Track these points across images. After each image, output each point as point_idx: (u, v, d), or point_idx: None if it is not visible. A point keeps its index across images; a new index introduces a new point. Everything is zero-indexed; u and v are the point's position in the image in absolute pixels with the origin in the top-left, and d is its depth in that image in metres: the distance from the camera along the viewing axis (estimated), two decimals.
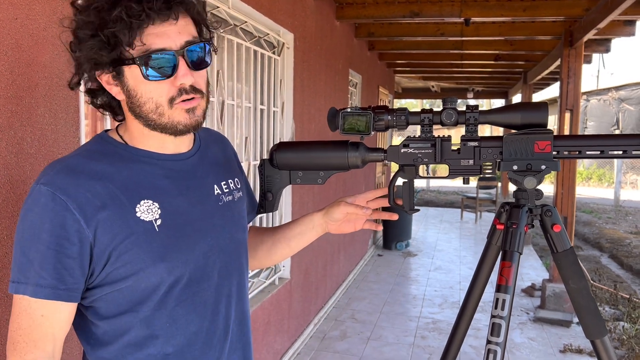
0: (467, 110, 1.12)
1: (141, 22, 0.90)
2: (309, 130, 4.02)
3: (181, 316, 1.02)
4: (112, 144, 1.02)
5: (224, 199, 1.12)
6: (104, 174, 0.96)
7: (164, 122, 0.97)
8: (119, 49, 0.92)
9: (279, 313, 3.48)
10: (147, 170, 1.01)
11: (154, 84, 0.94)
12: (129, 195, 0.96)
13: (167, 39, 0.92)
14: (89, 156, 0.99)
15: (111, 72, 0.96)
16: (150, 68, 0.92)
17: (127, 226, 0.94)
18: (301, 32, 3.71)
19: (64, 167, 0.95)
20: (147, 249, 0.96)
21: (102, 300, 0.97)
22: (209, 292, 1.06)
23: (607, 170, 17.09)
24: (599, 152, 1.10)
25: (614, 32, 4.80)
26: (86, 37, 0.92)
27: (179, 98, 0.96)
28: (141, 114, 0.97)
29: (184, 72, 0.94)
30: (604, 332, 1.16)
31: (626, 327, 4.43)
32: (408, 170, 1.18)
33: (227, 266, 1.10)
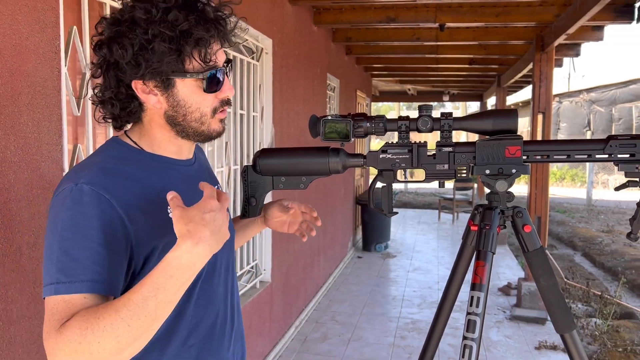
0: (442, 118, 1.18)
1: (213, 42, 1.01)
2: (289, 135, 4.06)
3: (202, 308, 1.09)
4: (130, 150, 1.06)
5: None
6: (137, 177, 1.01)
7: (203, 129, 1.06)
8: (184, 62, 0.99)
9: (260, 316, 3.51)
10: (169, 175, 1.08)
11: (205, 96, 1.03)
12: (160, 197, 1.01)
13: (220, 56, 1.04)
14: (117, 159, 1.02)
15: (158, 82, 1.00)
16: (208, 83, 1.02)
17: (164, 226, 0.99)
18: (280, 37, 3.75)
19: (100, 168, 0.98)
20: None
21: None
22: (219, 285, 1.14)
23: (579, 170, 17.49)
24: (565, 156, 1.17)
25: (583, 37, 4.96)
26: (164, 51, 0.96)
27: (220, 108, 1.06)
28: (183, 122, 1.04)
29: (228, 87, 1.06)
30: (573, 327, 1.23)
31: (598, 324, 4.56)
32: (387, 174, 1.23)
33: (228, 262, 1.19)
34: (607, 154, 1.15)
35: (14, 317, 1.42)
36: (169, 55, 0.96)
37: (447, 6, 4.39)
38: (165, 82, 1.00)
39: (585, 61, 70.11)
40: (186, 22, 0.96)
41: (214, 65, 1.01)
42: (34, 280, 1.49)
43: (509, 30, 5.14)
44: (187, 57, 0.98)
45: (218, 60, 1.03)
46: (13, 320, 1.42)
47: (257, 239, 3.61)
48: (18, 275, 1.43)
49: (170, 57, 0.96)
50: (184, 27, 0.95)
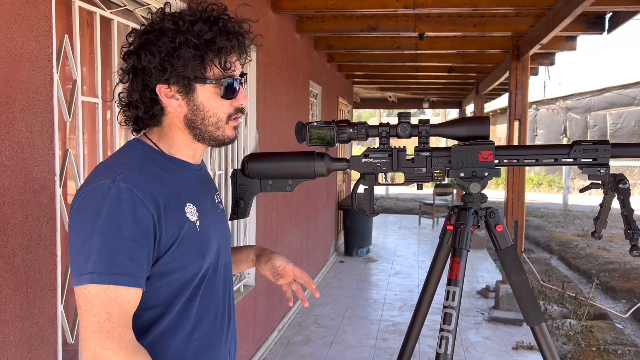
0: (420, 124, 1.26)
1: (233, 52, 1.10)
2: (272, 140, 4.12)
3: (205, 306, 1.16)
4: (152, 151, 1.13)
5: (219, 207, 1.29)
6: (161, 177, 1.09)
7: (218, 134, 1.14)
8: (206, 69, 1.08)
9: (244, 320, 3.55)
10: (185, 177, 1.16)
11: (222, 102, 1.11)
12: (179, 198, 1.10)
13: (236, 67, 1.13)
14: (144, 159, 1.10)
15: (180, 87, 1.08)
16: (226, 89, 1.10)
17: (182, 224, 1.08)
18: (263, 45, 3.82)
19: (132, 167, 1.06)
20: (194, 246, 1.10)
21: (149, 292, 1.07)
22: (220, 284, 1.22)
23: (556, 176, 17.83)
24: (534, 160, 1.26)
25: (557, 46, 5.13)
26: (188, 57, 1.05)
27: (234, 115, 1.15)
28: (201, 126, 1.12)
29: (243, 95, 1.15)
30: (541, 319, 1.32)
31: (573, 324, 4.70)
32: (368, 178, 1.31)
33: (227, 264, 1.27)
34: (572, 158, 1.24)
35: (7, 317, 1.46)
36: (192, 61, 1.05)
37: (426, 16, 4.51)
38: (187, 87, 1.09)
39: (561, 70, 71.57)
40: (210, 32, 1.06)
41: (232, 74, 1.10)
42: (27, 281, 1.53)
43: (486, 39, 5.29)
44: (209, 64, 1.08)
45: (236, 70, 1.12)
46: (6, 320, 1.46)
47: (240, 243, 3.66)
48: (12, 277, 1.47)
49: (193, 63, 1.05)
50: (208, 36, 1.06)
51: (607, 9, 3.87)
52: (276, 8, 3.99)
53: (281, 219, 4.45)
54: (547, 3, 3.73)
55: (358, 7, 3.89)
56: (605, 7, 3.62)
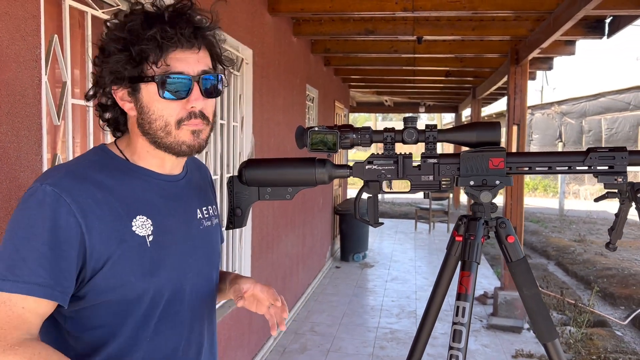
0: (427, 129, 1.20)
1: (170, 45, 0.98)
2: (269, 145, 4.05)
3: (161, 332, 1.04)
4: (112, 158, 1.05)
5: (204, 223, 1.17)
6: (106, 185, 0.99)
7: (170, 141, 1.02)
8: (142, 66, 0.98)
9: (239, 328, 3.47)
10: (145, 187, 1.05)
11: (167, 103, 1.00)
12: (126, 209, 1.00)
13: (187, 64, 1.00)
14: (92, 166, 1.02)
15: (128, 88, 1.01)
16: (167, 88, 0.99)
17: (122, 238, 0.97)
18: (260, 48, 3.76)
19: (69, 172, 0.97)
20: (138, 263, 0.99)
21: (87, 310, 0.98)
22: (186, 311, 1.09)
23: (551, 181, 17.85)
24: (547, 168, 1.20)
25: (556, 51, 5.09)
26: (115, 51, 0.97)
27: (187, 121, 1.02)
28: (150, 130, 1.02)
29: (196, 97, 1.01)
30: (555, 335, 1.25)
31: (572, 332, 4.64)
32: (372, 185, 1.24)
33: (202, 288, 1.14)
34: (586, 166, 1.18)
35: None
36: (117, 56, 0.97)
37: (424, 19, 4.46)
38: (132, 88, 1.00)
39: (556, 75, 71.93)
40: (138, 24, 0.97)
41: (170, 70, 0.98)
42: None
43: (485, 43, 5.25)
44: (145, 61, 0.98)
45: (180, 66, 0.99)
46: None
47: (236, 250, 3.58)
48: None
49: (118, 58, 0.97)
50: (132, 26, 0.97)
51: (608, 12, 3.83)
52: (273, 10, 3.93)
53: (277, 224, 4.37)
54: (548, 7, 3.68)
55: (356, 10, 3.83)
56: (606, 10, 3.57)
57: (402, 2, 3.73)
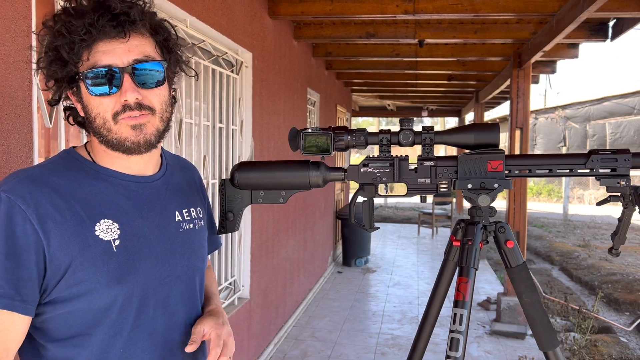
0: (423, 131, 1.16)
1: (83, 38, 0.92)
2: (268, 148, 4.02)
3: (135, 343, 1.00)
4: (78, 160, 1.02)
5: (185, 226, 1.12)
6: (67, 189, 0.95)
7: (112, 137, 0.98)
8: (69, 65, 0.94)
9: (238, 334, 3.43)
10: (110, 190, 1.00)
11: (100, 99, 0.96)
12: (89, 213, 0.95)
13: (114, 56, 0.95)
14: (53, 169, 0.98)
15: (73, 88, 0.97)
16: (94, 84, 0.94)
17: (85, 244, 0.93)
18: (260, 51, 3.73)
19: (26, 177, 0.93)
20: (103, 269, 0.94)
21: (54, 320, 0.94)
22: (164, 318, 1.04)
23: (555, 185, 17.76)
24: (547, 171, 1.16)
25: (559, 54, 5.05)
26: (42, 53, 0.95)
27: (123, 114, 0.96)
28: (94, 129, 0.98)
29: (126, 88, 0.95)
30: (556, 344, 1.21)
31: (577, 338, 4.58)
32: (368, 189, 1.20)
33: (182, 294, 1.09)
34: (588, 169, 1.14)
35: None
36: (46, 56, 0.95)
37: (426, 22, 4.43)
38: (76, 88, 0.98)
39: (560, 78, 71.78)
40: (61, 21, 0.93)
41: (96, 64, 0.93)
42: None
43: (487, 46, 5.21)
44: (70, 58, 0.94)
45: (107, 58, 0.94)
46: None
47: (235, 255, 3.55)
48: None
49: (47, 58, 0.95)
50: (53, 28, 0.94)
51: (611, 15, 3.79)
52: (273, 13, 3.90)
53: (278, 229, 4.34)
54: (550, 9, 3.64)
55: (357, 13, 3.81)
56: (610, 13, 3.53)
57: (403, 5, 3.71)
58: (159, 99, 1.00)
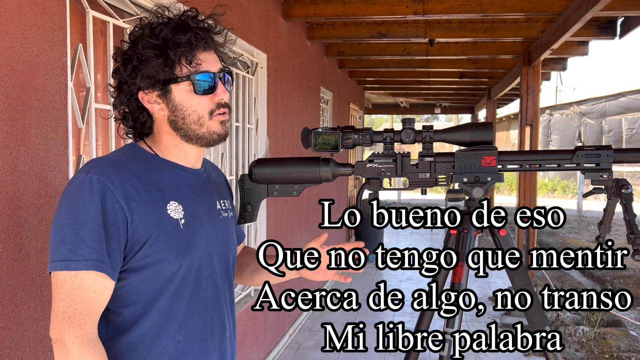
0: (423, 130, 1.28)
1: (199, 47, 1.13)
2: (283, 146, 4.16)
3: (193, 309, 1.16)
4: (143, 152, 1.18)
5: (222, 214, 1.30)
6: (142, 174, 1.12)
7: (203, 131, 1.16)
8: (175, 69, 1.11)
9: (254, 324, 3.58)
10: (174, 177, 1.18)
11: (199, 98, 1.14)
12: (161, 195, 1.13)
13: (210, 64, 1.16)
14: (128, 158, 1.15)
15: (158, 91, 1.13)
16: (199, 85, 1.13)
17: (159, 220, 1.10)
18: (274, 52, 3.86)
19: (110, 163, 1.10)
20: (173, 242, 1.11)
21: (126, 288, 1.10)
22: (213, 289, 1.22)
23: (570, 182, 17.67)
24: (537, 166, 1.28)
25: (569, 51, 5.11)
26: (151, 57, 1.10)
27: (217, 111, 1.16)
28: (184, 125, 1.15)
29: (222, 90, 1.17)
30: (545, 323, 1.33)
31: (586, 331, 4.65)
32: (373, 183, 1.33)
33: (223, 270, 1.27)
34: (574, 164, 1.25)
35: (22, 318, 1.50)
36: (155, 62, 1.10)
37: (436, 22, 4.53)
38: (163, 90, 1.13)
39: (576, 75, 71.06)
40: (169, 32, 1.10)
41: (201, 70, 1.12)
42: (41, 283, 1.57)
43: (497, 45, 5.29)
44: (176, 63, 1.11)
45: (206, 65, 1.14)
46: (21, 321, 1.49)
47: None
48: (26, 279, 1.51)
49: (156, 62, 1.10)
50: (165, 34, 1.10)
51: (618, 14, 3.86)
52: (287, 15, 4.03)
53: (291, 224, 4.47)
54: (557, 9, 3.72)
55: (368, 14, 3.92)
56: (616, 12, 3.61)
57: (413, 6, 3.81)
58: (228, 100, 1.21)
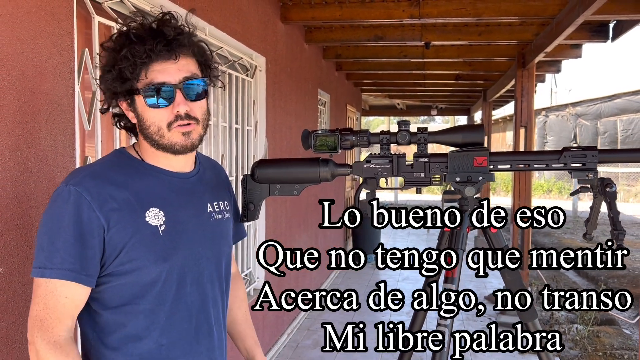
0: (418, 132, 1.35)
1: (144, 61, 1.12)
2: (281, 148, 4.22)
3: (176, 313, 1.19)
4: (129, 158, 1.21)
5: (215, 216, 1.32)
6: (121, 182, 1.15)
7: (165, 142, 1.17)
8: (130, 81, 1.13)
9: (253, 323, 3.61)
10: (157, 183, 1.20)
11: (155, 111, 1.15)
12: (140, 202, 1.15)
13: (167, 74, 1.14)
14: (110, 166, 1.18)
15: (127, 100, 1.17)
16: (151, 98, 1.14)
17: (137, 228, 1.13)
18: (272, 55, 3.93)
19: (89, 173, 1.14)
20: (151, 249, 1.14)
21: (108, 291, 1.14)
22: (198, 293, 1.24)
23: (565, 182, 17.77)
24: (526, 166, 1.34)
25: (562, 54, 5.19)
26: (105, 72, 1.15)
27: (175, 123, 1.16)
28: (147, 135, 1.18)
29: (179, 102, 1.14)
30: (535, 316, 1.39)
31: (579, 329, 4.73)
32: (370, 182, 1.39)
33: (212, 273, 1.29)
34: (562, 164, 1.32)
35: None
36: (107, 74, 1.14)
37: (432, 25, 4.60)
38: (130, 100, 1.17)
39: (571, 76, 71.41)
40: (122, 44, 1.12)
41: (153, 82, 1.12)
42: None
43: (492, 47, 5.37)
44: (131, 74, 1.11)
45: (162, 76, 1.12)
46: None
47: (250, 247, 3.75)
48: None
49: (108, 76, 1.14)
50: (116, 51, 1.13)
51: (610, 17, 3.94)
52: (285, 19, 4.10)
53: (290, 224, 4.53)
54: (550, 12, 3.80)
55: (365, 18, 3.99)
56: (608, 15, 3.68)
57: (409, 9, 3.88)
58: (202, 110, 1.20)
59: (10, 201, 1.48)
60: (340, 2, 3.95)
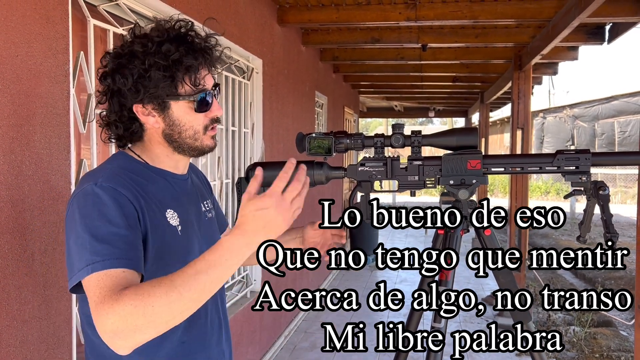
0: (412, 135, 1.35)
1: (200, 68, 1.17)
2: (278, 150, 4.22)
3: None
4: (135, 162, 1.21)
5: (207, 215, 1.36)
6: (140, 183, 1.16)
7: (197, 145, 1.21)
8: (178, 87, 1.15)
9: (250, 325, 3.63)
10: (166, 185, 1.23)
11: (196, 115, 1.18)
12: (158, 204, 1.17)
13: (207, 81, 1.20)
14: (124, 168, 1.17)
15: (155, 105, 1.16)
16: (199, 104, 1.18)
17: (162, 227, 1.15)
18: (269, 57, 3.93)
19: (111, 173, 1.12)
20: (174, 249, 1.17)
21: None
22: None
23: (563, 184, 17.80)
24: (520, 169, 1.34)
25: (559, 56, 5.20)
26: (159, 78, 1.12)
27: (210, 126, 1.22)
28: (179, 139, 1.19)
29: (216, 107, 1.22)
30: (529, 318, 1.39)
31: (576, 331, 4.73)
32: (365, 185, 1.39)
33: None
34: (555, 167, 1.32)
35: (26, 317, 1.55)
36: (163, 82, 1.12)
37: (428, 28, 4.61)
38: (161, 105, 1.16)
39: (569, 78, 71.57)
40: (177, 53, 1.13)
41: (203, 89, 1.17)
42: (45, 283, 1.63)
43: (489, 50, 5.38)
44: (180, 82, 1.15)
45: (206, 84, 1.18)
46: (25, 320, 1.55)
47: None
48: (30, 279, 1.57)
49: (164, 83, 1.13)
50: (175, 56, 1.13)
51: (605, 20, 3.95)
52: (282, 22, 4.10)
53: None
54: (546, 15, 3.81)
55: (362, 20, 4.00)
56: (603, 18, 3.69)
57: (406, 12, 3.89)
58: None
59: (5, 204, 1.48)
60: (337, 4, 3.95)
